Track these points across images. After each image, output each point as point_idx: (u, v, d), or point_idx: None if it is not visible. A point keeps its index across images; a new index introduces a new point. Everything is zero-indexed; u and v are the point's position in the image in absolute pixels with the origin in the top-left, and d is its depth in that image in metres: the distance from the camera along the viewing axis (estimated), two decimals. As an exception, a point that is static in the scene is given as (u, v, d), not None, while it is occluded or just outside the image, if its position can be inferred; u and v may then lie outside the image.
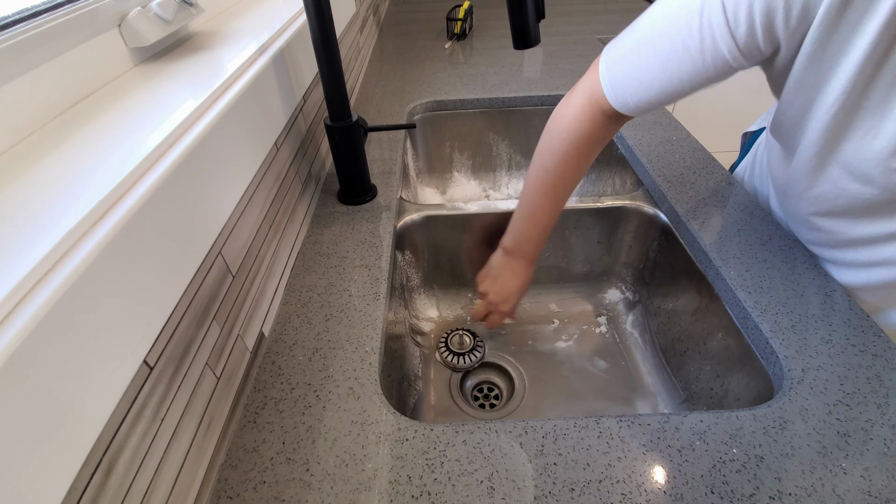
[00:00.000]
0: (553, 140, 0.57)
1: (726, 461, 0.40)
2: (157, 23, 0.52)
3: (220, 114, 0.43)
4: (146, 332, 0.32)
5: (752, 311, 0.52)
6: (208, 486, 0.39)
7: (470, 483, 0.39)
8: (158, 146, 0.36)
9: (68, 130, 0.39)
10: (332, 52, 0.59)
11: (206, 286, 0.40)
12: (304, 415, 0.45)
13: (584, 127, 0.55)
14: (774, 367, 0.49)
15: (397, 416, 0.44)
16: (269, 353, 0.50)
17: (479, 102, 1.04)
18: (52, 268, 0.26)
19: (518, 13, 0.53)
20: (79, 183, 0.32)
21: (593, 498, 0.38)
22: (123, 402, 0.30)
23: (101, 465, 0.28)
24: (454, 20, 1.37)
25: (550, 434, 0.42)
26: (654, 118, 0.92)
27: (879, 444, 0.40)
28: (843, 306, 0.52)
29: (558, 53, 1.25)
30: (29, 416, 0.23)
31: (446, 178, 1.12)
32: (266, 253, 0.53)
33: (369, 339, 0.52)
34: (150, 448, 0.32)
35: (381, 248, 0.64)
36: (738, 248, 0.61)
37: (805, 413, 0.43)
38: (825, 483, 0.38)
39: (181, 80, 0.48)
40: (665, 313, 0.71)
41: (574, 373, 0.74)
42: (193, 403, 0.38)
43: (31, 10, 0.41)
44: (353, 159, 0.68)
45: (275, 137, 0.57)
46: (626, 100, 0.50)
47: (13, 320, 0.23)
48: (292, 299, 0.57)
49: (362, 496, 0.39)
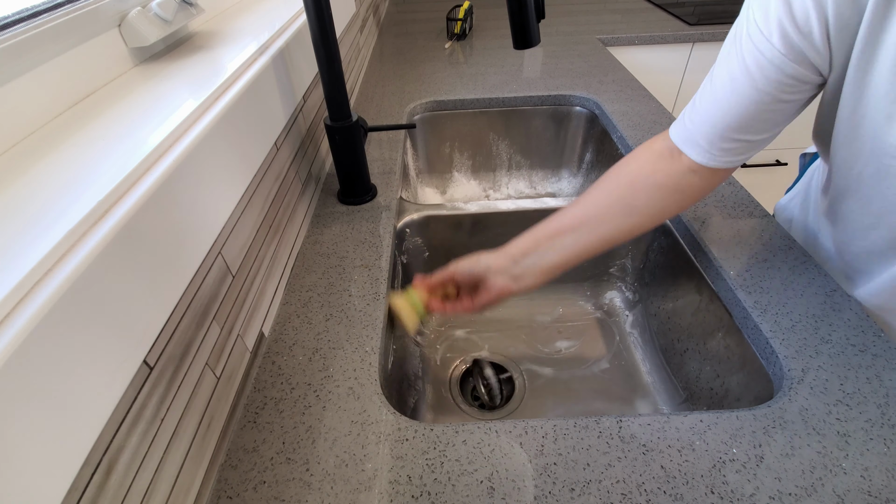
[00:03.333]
0: (601, 178, 0.53)
1: (726, 461, 0.40)
2: (157, 23, 0.52)
3: (220, 114, 0.43)
4: (146, 332, 0.32)
5: (752, 311, 0.52)
6: (208, 486, 0.39)
7: (470, 483, 0.39)
8: (158, 146, 0.36)
9: (68, 130, 0.39)
10: (332, 53, 0.59)
11: (206, 286, 0.40)
12: (304, 415, 0.45)
13: (641, 159, 0.51)
14: (774, 367, 0.49)
15: (397, 416, 0.44)
16: (269, 353, 0.50)
17: (479, 102, 1.04)
18: (52, 267, 0.26)
19: (518, 13, 0.53)
20: (79, 183, 0.32)
21: (593, 498, 0.38)
22: (123, 403, 0.30)
23: (101, 465, 0.28)
24: (454, 20, 1.37)
25: (550, 434, 0.42)
26: (654, 118, 0.92)
27: (879, 444, 0.40)
28: (843, 306, 0.52)
29: (558, 53, 1.25)
30: (29, 416, 0.23)
31: (446, 178, 1.12)
32: (266, 253, 0.53)
33: (369, 339, 0.52)
34: (150, 448, 0.32)
35: (381, 248, 0.64)
36: (738, 247, 0.61)
37: (805, 413, 0.43)
38: (825, 483, 0.38)
39: (181, 80, 0.48)
40: (665, 313, 0.71)
41: (574, 373, 0.74)
42: (193, 403, 0.38)
43: (31, 10, 0.41)
44: (353, 159, 0.68)
45: (275, 137, 0.57)
46: (691, 131, 0.47)
47: (13, 320, 0.23)
48: (292, 299, 0.57)
49: (362, 496, 0.39)
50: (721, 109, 0.45)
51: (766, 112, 0.43)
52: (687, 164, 0.49)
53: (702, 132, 0.47)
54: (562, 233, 0.53)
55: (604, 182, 0.53)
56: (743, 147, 0.46)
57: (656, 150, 0.52)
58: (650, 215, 0.52)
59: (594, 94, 1.02)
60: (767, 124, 0.45)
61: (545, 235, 0.54)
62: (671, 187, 0.50)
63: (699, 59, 1.45)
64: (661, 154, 0.51)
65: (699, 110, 0.47)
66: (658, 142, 0.52)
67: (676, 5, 1.64)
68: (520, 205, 0.76)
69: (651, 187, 0.51)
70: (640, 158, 0.53)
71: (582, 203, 0.53)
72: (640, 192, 0.51)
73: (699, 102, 0.47)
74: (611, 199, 0.52)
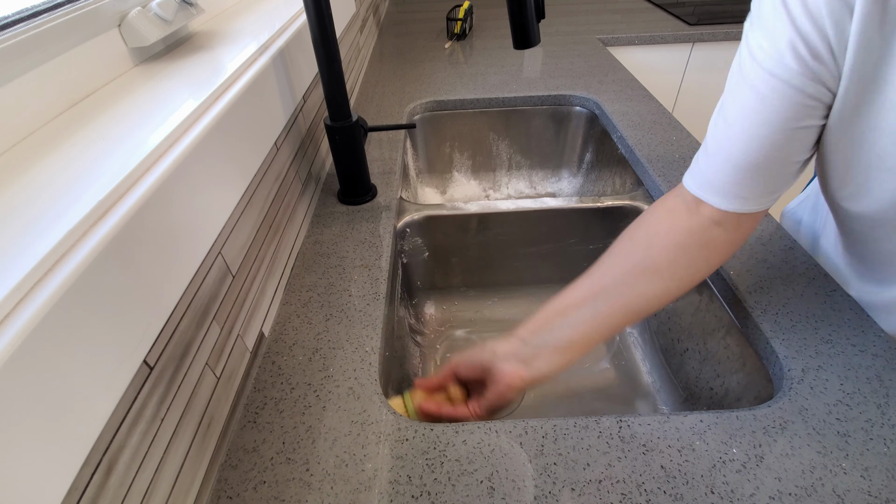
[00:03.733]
0: (614, 244, 0.49)
1: (726, 461, 0.40)
2: (157, 23, 0.52)
3: (220, 114, 0.43)
4: (146, 332, 0.32)
5: (752, 311, 0.52)
6: (208, 486, 0.39)
7: (470, 483, 0.39)
8: (158, 146, 0.36)
9: (68, 130, 0.39)
10: (332, 53, 0.59)
11: (206, 286, 0.40)
12: (304, 415, 0.45)
13: (654, 217, 0.47)
14: (774, 367, 0.49)
15: (397, 416, 0.44)
16: (269, 353, 0.50)
17: (479, 102, 1.04)
18: (52, 268, 0.26)
19: (518, 13, 0.53)
20: (79, 183, 0.32)
21: (593, 498, 0.38)
22: (123, 402, 0.30)
23: (101, 465, 0.28)
24: (454, 20, 1.37)
25: (550, 434, 0.42)
26: (654, 118, 0.92)
27: (879, 444, 0.40)
28: (843, 306, 0.52)
29: (558, 53, 1.25)
30: (29, 417, 0.23)
31: (446, 178, 1.12)
32: (266, 253, 0.53)
33: (369, 339, 0.52)
34: (150, 448, 0.32)
35: (381, 248, 0.64)
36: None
37: (805, 413, 0.43)
38: (825, 483, 0.38)
39: (181, 80, 0.48)
40: (665, 313, 0.71)
41: (574, 373, 0.74)
42: (193, 403, 0.38)
43: (31, 10, 0.41)
44: (353, 159, 0.68)
45: (275, 137, 0.57)
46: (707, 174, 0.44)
47: (13, 320, 0.23)
48: (292, 299, 0.57)
49: (362, 496, 0.39)
50: (738, 146, 0.41)
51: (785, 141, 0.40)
52: (709, 216, 0.44)
53: (720, 174, 0.43)
54: (575, 306, 0.47)
55: (617, 246, 0.49)
56: (766, 187, 0.42)
57: (670, 208, 0.47)
58: (679, 278, 0.46)
59: (594, 94, 1.02)
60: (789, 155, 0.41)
61: (555, 311, 0.48)
62: (695, 244, 0.45)
63: (699, 59, 1.45)
64: (677, 210, 0.46)
65: (713, 152, 0.43)
66: (670, 199, 0.48)
67: (676, 5, 1.64)
68: (520, 205, 0.76)
69: (672, 247, 0.45)
70: (653, 217, 0.48)
71: (594, 272, 0.48)
72: (660, 252, 0.46)
73: (712, 144, 0.43)
74: (627, 264, 0.47)
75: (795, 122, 0.39)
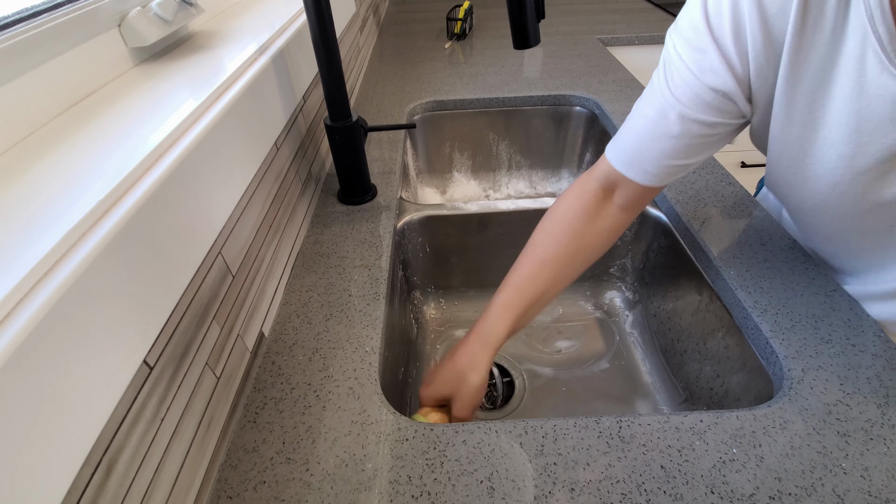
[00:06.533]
0: (544, 218, 0.56)
1: (726, 461, 0.40)
2: (157, 23, 0.52)
3: (220, 114, 0.43)
4: (146, 332, 0.32)
5: (752, 311, 0.52)
6: (208, 486, 0.39)
7: (470, 483, 0.39)
8: (158, 146, 0.36)
9: (68, 130, 0.39)
10: (332, 53, 0.59)
11: (206, 286, 0.40)
12: (304, 415, 0.45)
13: (574, 195, 0.55)
14: (774, 367, 0.49)
15: (397, 416, 0.44)
16: (269, 353, 0.50)
17: (479, 102, 1.04)
18: (52, 267, 0.26)
19: (518, 13, 0.53)
20: (79, 183, 0.32)
21: (593, 498, 0.38)
22: (123, 402, 0.30)
23: (101, 465, 0.28)
24: (454, 20, 1.37)
25: (550, 434, 0.42)
26: (654, 118, 0.92)
27: (879, 444, 0.40)
28: (843, 306, 0.52)
29: (558, 53, 1.25)
30: (29, 416, 0.23)
31: (446, 178, 1.12)
32: (266, 253, 0.53)
33: (369, 339, 0.52)
34: (150, 448, 0.32)
35: (381, 248, 0.64)
36: (738, 247, 0.61)
37: (805, 413, 0.43)
38: (825, 483, 0.38)
39: (181, 80, 0.48)
40: (665, 313, 0.71)
41: (574, 373, 0.74)
42: (193, 403, 0.38)
43: (31, 10, 0.41)
44: (353, 159, 0.68)
45: (275, 137, 0.57)
46: (627, 153, 0.51)
47: (13, 320, 0.23)
48: (292, 299, 0.57)
49: (362, 496, 0.39)
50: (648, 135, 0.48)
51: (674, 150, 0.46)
52: (611, 189, 0.53)
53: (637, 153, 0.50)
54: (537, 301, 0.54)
55: (546, 228, 0.55)
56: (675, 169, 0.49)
57: (590, 184, 0.54)
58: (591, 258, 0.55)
59: (594, 94, 1.02)
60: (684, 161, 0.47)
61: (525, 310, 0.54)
62: (600, 219, 0.54)
63: (699, 59, 1.45)
64: (594, 186, 0.54)
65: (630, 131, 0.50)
66: (590, 175, 0.55)
67: (676, 5, 1.64)
68: (520, 205, 0.76)
69: (590, 221, 0.54)
70: (574, 190, 0.55)
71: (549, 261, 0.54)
72: (585, 233, 0.54)
73: (630, 122, 0.50)
74: (571, 251, 0.54)
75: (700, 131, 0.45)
